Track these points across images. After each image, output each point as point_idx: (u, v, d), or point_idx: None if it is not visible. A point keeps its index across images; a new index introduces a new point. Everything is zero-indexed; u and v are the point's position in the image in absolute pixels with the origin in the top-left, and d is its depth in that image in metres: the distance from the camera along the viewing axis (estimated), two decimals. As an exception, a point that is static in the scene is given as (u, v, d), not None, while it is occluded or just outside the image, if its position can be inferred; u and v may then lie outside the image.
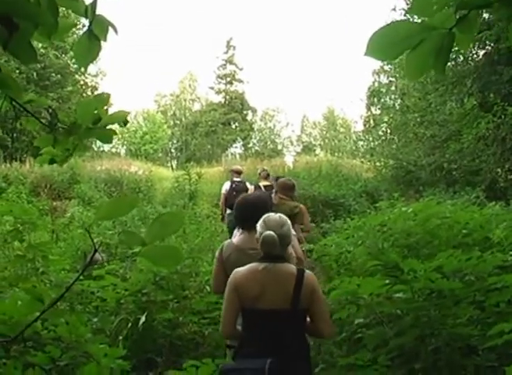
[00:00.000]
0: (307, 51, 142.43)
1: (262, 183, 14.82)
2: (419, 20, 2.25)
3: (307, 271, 4.91)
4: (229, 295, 4.85)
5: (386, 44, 2.09)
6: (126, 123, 2.99)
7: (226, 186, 15.87)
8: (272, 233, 4.81)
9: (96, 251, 2.45)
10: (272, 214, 5.18)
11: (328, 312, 5.09)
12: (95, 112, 2.86)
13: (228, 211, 15.25)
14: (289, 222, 5.14)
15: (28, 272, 6.94)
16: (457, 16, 2.06)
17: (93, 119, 2.86)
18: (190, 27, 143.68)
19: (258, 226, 5.03)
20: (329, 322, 5.00)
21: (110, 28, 2.68)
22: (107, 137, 2.99)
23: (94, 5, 2.56)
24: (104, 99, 2.86)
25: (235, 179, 15.88)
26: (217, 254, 5.89)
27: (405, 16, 23.32)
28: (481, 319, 5.32)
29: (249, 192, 14.13)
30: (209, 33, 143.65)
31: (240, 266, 4.94)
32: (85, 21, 2.66)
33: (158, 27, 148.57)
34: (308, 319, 4.88)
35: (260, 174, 15.56)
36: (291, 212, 9.82)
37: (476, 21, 2.12)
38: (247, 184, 15.83)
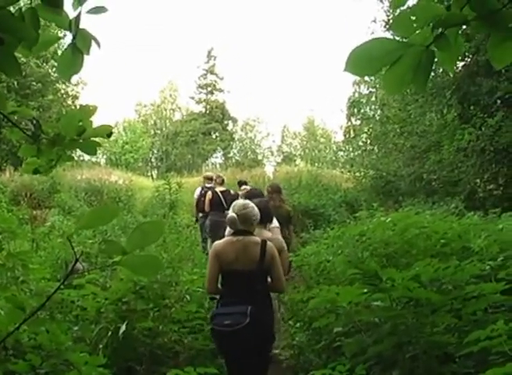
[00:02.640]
0: (287, 61, 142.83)
1: (218, 189, 16.15)
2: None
3: (269, 242, 6.65)
4: (212, 261, 6.64)
5: (365, 60, 2.13)
6: (109, 135, 3.02)
7: (197, 191, 17.08)
8: (233, 214, 6.69)
9: (77, 260, 2.47)
10: (239, 200, 7.30)
11: (282, 274, 6.75)
12: (80, 123, 2.89)
13: (200, 214, 16.65)
14: (252, 206, 6.92)
15: (8, 281, 6.92)
16: (434, 34, 2.11)
17: (77, 131, 2.88)
18: (170, 37, 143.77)
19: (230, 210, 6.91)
20: (283, 281, 6.73)
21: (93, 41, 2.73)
22: (91, 149, 3.01)
23: (77, 19, 2.59)
24: (89, 111, 2.89)
25: (206, 185, 16.96)
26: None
27: (385, 27, 23.46)
28: (459, 328, 5.37)
29: (207, 197, 16.08)
30: (190, 43, 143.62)
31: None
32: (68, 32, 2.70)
33: (138, 37, 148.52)
34: (269, 279, 6.64)
35: (216, 180, 16.81)
36: (287, 215, 10.30)
37: (456, 39, 2.16)
38: (197, 191, 17.18)
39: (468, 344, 4.48)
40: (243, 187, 15.78)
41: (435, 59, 2.18)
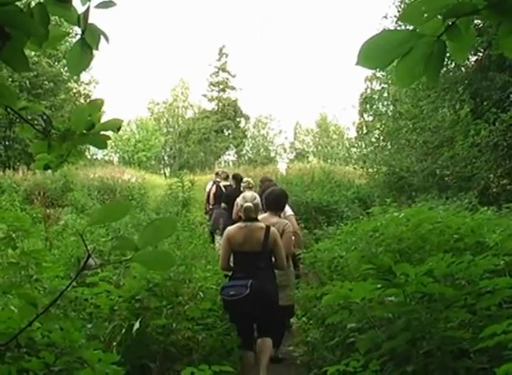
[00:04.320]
0: (299, 58, 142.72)
1: (222, 184, 17.64)
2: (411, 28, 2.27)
3: (272, 228, 8.22)
4: (224, 243, 8.23)
5: (376, 53, 2.11)
6: (119, 129, 3.01)
7: (209, 185, 18.43)
8: (250, 204, 8.18)
9: (89, 256, 2.46)
10: (247, 192, 9.48)
11: (283, 254, 8.22)
12: (89, 118, 2.87)
13: (210, 206, 17.90)
14: (258, 197, 8.51)
15: (22, 279, 6.93)
16: (446, 24, 2.08)
17: (87, 126, 2.87)
18: (182, 35, 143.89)
19: (239, 200, 9.13)
20: (283, 260, 8.24)
21: (102, 37, 2.71)
22: (101, 143, 3.00)
23: (86, 14, 2.58)
24: (97, 105, 2.88)
25: (217, 179, 18.22)
26: None
27: (396, 23, 23.36)
28: (473, 323, 5.34)
29: (211, 192, 17.73)
30: (202, 41, 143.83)
31: None
32: (78, 29, 2.68)
33: (150, 35, 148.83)
34: (273, 259, 8.15)
35: (220, 175, 18.35)
36: None
37: (468, 29, 2.13)
38: (208, 185, 18.71)
39: (483, 339, 4.44)
40: (245, 179, 16.49)
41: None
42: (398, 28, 22.66)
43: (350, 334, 6.41)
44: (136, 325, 7.01)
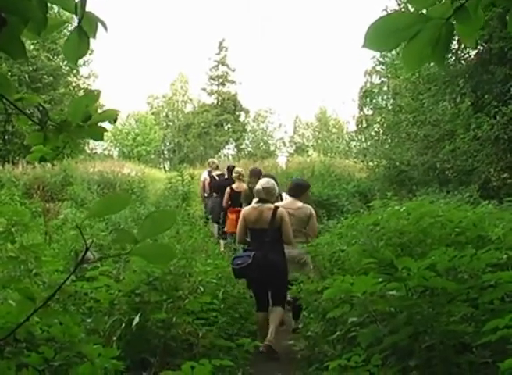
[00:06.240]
0: (299, 52, 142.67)
1: (215, 173, 18.49)
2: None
3: (280, 208, 9.50)
4: (241, 220, 9.65)
5: (383, 35, 2.07)
6: (115, 120, 2.96)
7: (204, 174, 19.15)
8: (260, 187, 9.53)
9: (88, 249, 2.42)
10: (263, 179, 10.37)
11: (289, 230, 9.40)
12: (86, 109, 2.82)
13: (205, 195, 18.72)
14: (273, 182, 9.81)
15: (21, 273, 6.89)
16: (454, 6, 2.04)
17: (83, 117, 2.82)
18: (182, 29, 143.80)
19: (257, 184, 9.84)
20: (290, 236, 9.43)
21: (100, 26, 2.66)
22: (97, 135, 2.95)
23: (83, 1, 2.53)
24: (94, 97, 2.83)
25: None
26: None
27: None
28: (475, 317, 5.31)
29: (206, 182, 18.57)
30: (201, 35, 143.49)
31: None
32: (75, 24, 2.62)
33: (149, 29, 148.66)
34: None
35: (211, 166, 19.15)
36: None
37: (476, 12, 2.08)
38: (203, 175, 19.49)
39: (485, 333, 4.41)
40: (236, 169, 17.12)
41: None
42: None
43: (352, 329, 6.37)
44: (136, 319, 6.97)
